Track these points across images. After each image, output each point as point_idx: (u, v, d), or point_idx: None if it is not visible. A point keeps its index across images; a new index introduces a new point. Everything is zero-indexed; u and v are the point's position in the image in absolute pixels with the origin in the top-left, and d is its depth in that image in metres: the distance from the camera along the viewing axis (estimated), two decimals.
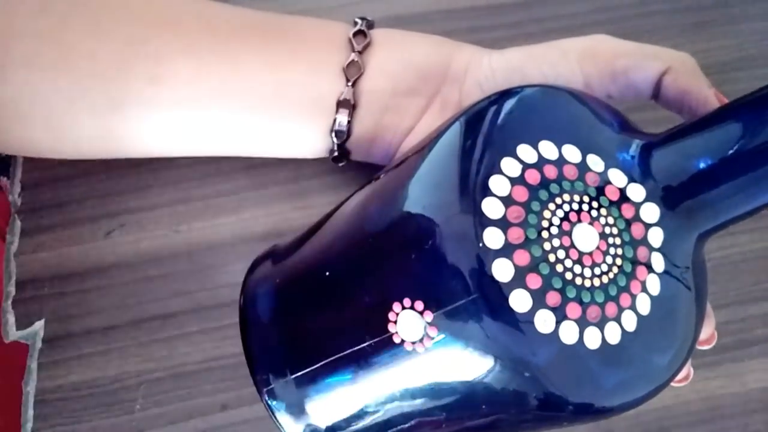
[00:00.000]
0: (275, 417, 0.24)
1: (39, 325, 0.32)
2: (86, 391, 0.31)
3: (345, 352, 0.23)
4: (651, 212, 0.22)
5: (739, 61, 0.39)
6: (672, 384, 0.24)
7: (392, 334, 0.22)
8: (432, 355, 0.21)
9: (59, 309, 0.32)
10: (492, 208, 0.21)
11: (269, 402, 0.24)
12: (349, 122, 0.30)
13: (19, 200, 0.34)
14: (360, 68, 0.30)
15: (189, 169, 0.35)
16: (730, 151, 0.22)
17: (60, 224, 0.34)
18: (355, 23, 0.31)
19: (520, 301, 0.20)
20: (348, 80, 0.30)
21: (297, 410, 0.24)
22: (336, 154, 0.32)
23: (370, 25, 0.32)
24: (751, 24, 0.40)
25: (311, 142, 0.32)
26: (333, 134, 0.31)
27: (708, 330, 0.27)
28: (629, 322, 0.21)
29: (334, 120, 0.30)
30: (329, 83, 0.30)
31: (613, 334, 0.21)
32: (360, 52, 0.30)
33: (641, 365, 0.22)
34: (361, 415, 0.24)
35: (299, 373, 0.24)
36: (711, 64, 0.39)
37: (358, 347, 0.23)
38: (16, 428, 0.31)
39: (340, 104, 0.30)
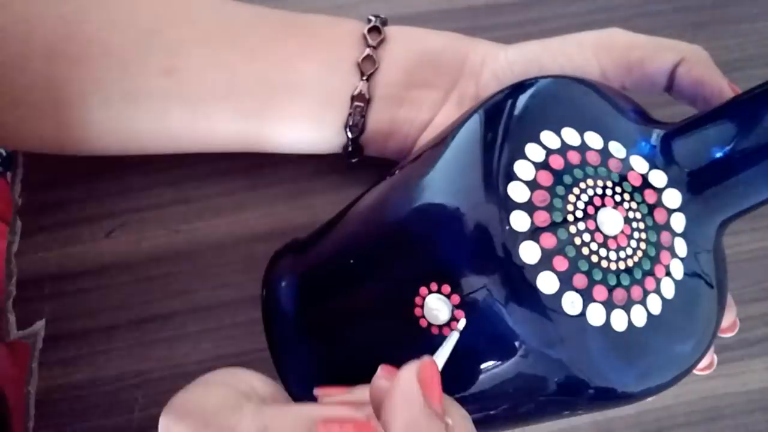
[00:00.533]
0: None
1: (40, 325, 0.32)
2: (87, 390, 0.31)
3: (371, 339, 0.23)
4: (673, 198, 0.22)
5: (739, 61, 0.39)
6: (696, 372, 0.24)
7: (419, 318, 0.22)
8: (459, 338, 0.21)
9: (60, 309, 0.32)
10: (518, 192, 0.21)
11: (296, 395, 0.24)
12: (363, 117, 0.30)
13: (20, 200, 0.34)
14: (375, 62, 0.30)
15: (189, 169, 0.35)
16: (751, 138, 0.22)
17: (61, 224, 0.34)
18: (369, 20, 0.31)
19: (547, 283, 0.20)
20: (363, 74, 0.30)
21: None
22: (350, 149, 0.32)
23: (384, 22, 0.32)
24: (751, 24, 0.40)
25: (325, 137, 0.32)
26: (347, 129, 0.31)
27: (729, 318, 0.27)
28: (654, 305, 0.21)
29: (349, 114, 0.30)
30: (343, 78, 0.30)
31: (639, 316, 0.21)
32: (375, 47, 0.30)
33: (666, 350, 0.22)
34: None
35: (326, 363, 0.24)
36: None
37: (385, 333, 0.23)
38: (18, 428, 0.31)
39: (355, 98, 0.30)
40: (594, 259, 0.21)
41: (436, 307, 0.21)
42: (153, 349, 0.32)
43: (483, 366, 0.22)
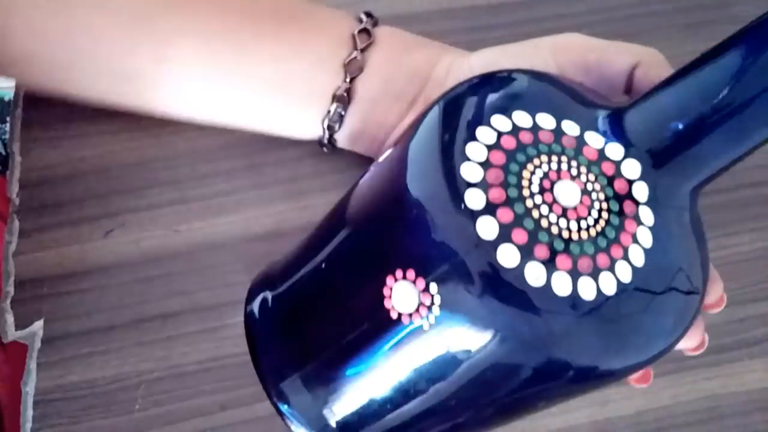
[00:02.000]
0: (285, 418, 0.24)
1: (38, 325, 0.32)
2: (86, 391, 0.31)
3: (347, 339, 0.23)
4: (632, 168, 0.22)
5: None
6: (688, 353, 0.24)
7: (389, 309, 0.22)
8: (429, 324, 0.21)
9: (58, 309, 0.32)
10: (471, 172, 0.21)
11: (278, 404, 0.24)
12: (341, 116, 0.32)
13: (18, 200, 0.34)
14: (360, 66, 0.31)
15: (189, 169, 0.35)
16: (703, 106, 0.22)
17: (59, 224, 0.33)
18: (360, 20, 0.32)
19: (507, 256, 0.20)
20: (347, 76, 0.31)
21: (307, 409, 0.24)
22: (326, 141, 0.33)
23: (375, 23, 0.32)
24: None
25: (306, 127, 0.33)
26: (325, 124, 0.32)
27: (716, 292, 0.27)
28: (624, 273, 0.21)
29: (328, 111, 0.32)
30: (329, 77, 0.31)
31: (608, 284, 0.21)
32: (362, 51, 0.31)
33: (644, 321, 0.22)
34: (369, 404, 0.24)
35: (305, 370, 0.24)
36: None
37: (359, 330, 0.23)
38: (15, 429, 0.31)
39: (336, 98, 0.31)
40: (554, 230, 0.21)
41: (403, 293, 0.21)
42: (152, 349, 0.32)
43: (461, 352, 0.22)
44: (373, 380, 0.23)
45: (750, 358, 0.34)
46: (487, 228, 0.20)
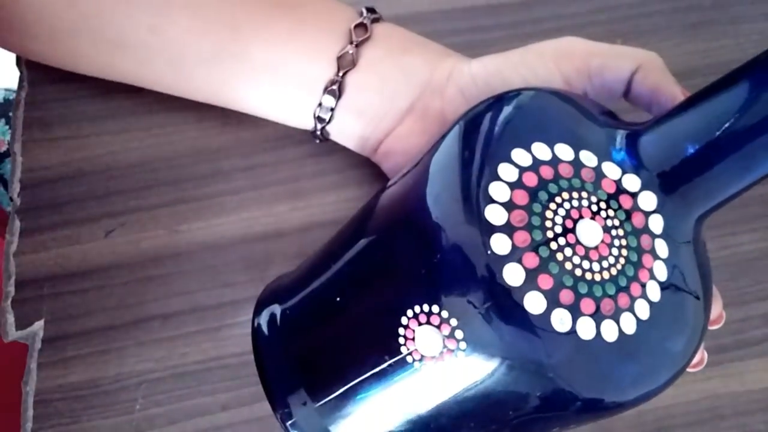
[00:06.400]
0: None
1: (38, 325, 0.32)
2: (86, 391, 0.31)
3: (366, 375, 0.23)
4: (649, 200, 0.22)
5: (739, 61, 0.39)
6: (688, 369, 0.24)
7: (411, 351, 0.22)
8: (452, 367, 0.21)
9: (59, 309, 0.32)
10: (495, 214, 0.21)
11: (284, 421, 0.24)
12: (332, 110, 0.31)
13: (19, 200, 0.34)
14: (353, 61, 0.31)
15: (189, 169, 0.35)
16: (717, 132, 0.22)
17: (60, 224, 0.34)
18: (361, 13, 0.32)
19: (534, 303, 0.20)
20: (339, 70, 0.31)
21: (314, 429, 0.24)
22: (318, 132, 0.33)
23: (375, 19, 0.32)
24: (751, 24, 0.40)
25: (295, 118, 0.33)
26: (316, 117, 0.32)
27: (716, 309, 0.27)
28: (642, 310, 0.21)
29: (318, 105, 0.31)
30: (321, 69, 0.31)
31: (628, 324, 0.21)
32: (357, 45, 0.31)
33: (659, 352, 0.22)
34: (379, 430, 0.23)
35: (321, 402, 0.24)
36: (711, 64, 0.39)
37: (378, 368, 0.23)
38: (16, 428, 0.31)
39: (327, 91, 0.31)
40: (578, 272, 0.21)
41: (427, 338, 0.21)
42: (152, 349, 0.32)
43: (477, 392, 0.22)
44: (385, 409, 0.23)
45: (750, 358, 0.34)
46: (514, 275, 0.20)
